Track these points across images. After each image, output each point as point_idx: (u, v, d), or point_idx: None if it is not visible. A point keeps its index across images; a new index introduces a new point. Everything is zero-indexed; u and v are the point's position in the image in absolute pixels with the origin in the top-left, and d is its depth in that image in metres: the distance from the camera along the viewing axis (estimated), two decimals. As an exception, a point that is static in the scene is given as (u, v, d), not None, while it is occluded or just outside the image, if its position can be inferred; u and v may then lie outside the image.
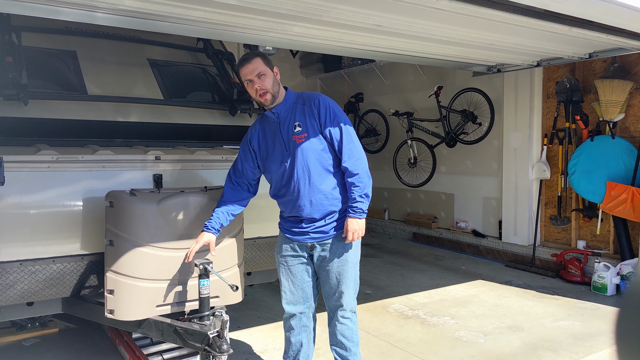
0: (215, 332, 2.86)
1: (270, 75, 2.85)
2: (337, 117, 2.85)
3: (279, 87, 2.90)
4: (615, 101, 5.68)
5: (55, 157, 3.27)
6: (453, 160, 7.93)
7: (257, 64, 2.82)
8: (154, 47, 4.82)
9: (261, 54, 2.88)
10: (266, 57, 2.88)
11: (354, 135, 2.88)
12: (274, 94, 2.86)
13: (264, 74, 2.82)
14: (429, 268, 6.60)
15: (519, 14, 3.37)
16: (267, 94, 2.83)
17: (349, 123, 2.88)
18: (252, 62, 2.82)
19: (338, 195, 2.89)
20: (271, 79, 2.85)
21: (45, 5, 3.05)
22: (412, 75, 8.53)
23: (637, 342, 0.89)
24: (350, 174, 2.82)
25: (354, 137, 2.87)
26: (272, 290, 5.45)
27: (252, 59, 2.83)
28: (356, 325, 3.05)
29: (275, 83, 2.87)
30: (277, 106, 2.89)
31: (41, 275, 3.22)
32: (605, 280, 5.36)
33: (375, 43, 4.29)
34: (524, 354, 3.92)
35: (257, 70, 2.81)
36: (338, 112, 2.87)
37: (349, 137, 2.84)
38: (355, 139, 2.88)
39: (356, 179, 2.81)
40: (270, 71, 2.86)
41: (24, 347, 4.01)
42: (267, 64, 2.86)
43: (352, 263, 2.96)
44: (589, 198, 5.98)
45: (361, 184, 2.82)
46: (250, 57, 2.84)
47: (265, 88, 2.82)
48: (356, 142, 2.87)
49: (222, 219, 2.97)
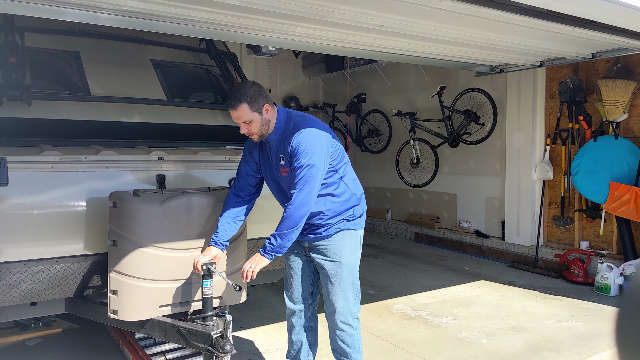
0: (219, 333, 2.86)
1: (257, 120, 2.76)
2: (299, 163, 2.68)
3: (268, 126, 2.81)
4: (619, 101, 5.67)
5: (59, 157, 3.28)
6: (456, 160, 7.91)
7: (242, 112, 2.73)
8: (157, 48, 4.83)
9: (248, 98, 2.72)
10: (253, 100, 2.73)
11: (308, 179, 2.68)
12: (262, 134, 2.83)
13: (251, 120, 2.76)
14: (431, 268, 6.60)
15: (522, 14, 3.36)
16: (253, 135, 2.83)
17: (312, 165, 2.67)
18: (237, 109, 2.73)
19: (327, 213, 2.87)
20: (258, 124, 2.77)
21: (48, 6, 3.05)
22: (414, 75, 8.53)
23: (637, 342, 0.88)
24: (283, 213, 2.74)
25: (305, 183, 2.68)
26: (275, 290, 5.45)
27: (237, 105, 2.72)
28: (357, 331, 2.99)
29: (264, 124, 2.79)
30: (268, 135, 2.86)
31: (45, 275, 3.22)
32: (608, 280, 5.35)
33: (377, 43, 4.29)
34: (526, 354, 3.91)
35: (242, 118, 2.76)
36: (303, 156, 2.67)
37: (299, 183, 2.69)
38: (306, 184, 2.67)
39: (283, 218, 2.71)
40: (258, 115, 2.75)
41: (27, 347, 4.01)
42: (254, 108, 2.73)
43: (347, 266, 2.92)
44: (592, 198, 5.96)
45: (282, 225, 2.71)
46: (236, 104, 2.72)
47: (251, 132, 2.81)
48: (304, 188, 2.67)
49: (230, 231, 2.97)
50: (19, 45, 3.89)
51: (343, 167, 2.90)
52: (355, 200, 2.95)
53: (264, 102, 2.78)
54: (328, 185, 2.83)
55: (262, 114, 2.78)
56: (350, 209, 2.92)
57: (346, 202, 2.90)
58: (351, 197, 2.92)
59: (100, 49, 4.51)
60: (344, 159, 2.93)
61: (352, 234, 2.94)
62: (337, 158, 2.85)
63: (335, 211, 2.87)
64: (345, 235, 2.92)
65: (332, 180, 2.84)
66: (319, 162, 2.68)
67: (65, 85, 4.10)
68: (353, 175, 2.99)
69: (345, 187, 2.90)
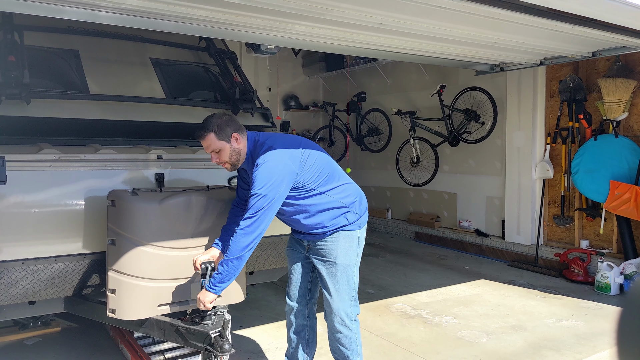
0: (217, 332, 2.85)
1: (226, 149, 2.79)
2: (252, 192, 2.67)
3: (239, 155, 2.83)
4: (619, 100, 5.66)
5: (57, 156, 3.27)
6: (456, 159, 7.91)
7: (209, 141, 2.77)
8: (156, 46, 4.83)
9: (215, 127, 2.76)
10: (221, 130, 2.76)
11: (258, 208, 2.64)
12: (234, 163, 2.84)
13: (220, 149, 2.79)
14: (431, 267, 6.59)
15: (522, 12, 3.35)
16: (225, 164, 2.85)
17: (263, 195, 2.63)
18: (204, 139, 2.78)
19: (319, 223, 2.87)
20: (227, 152, 2.79)
21: (47, 4, 3.04)
22: (414, 74, 8.51)
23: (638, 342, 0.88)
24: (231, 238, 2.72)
25: (254, 212, 2.64)
26: (275, 289, 5.44)
27: (205, 135, 2.76)
28: (355, 333, 2.97)
29: (234, 153, 2.81)
30: (242, 164, 2.89)
31: (43, 274, 3.22)
32: (608, 279, 5.34)
33: (377, 42, 4.28)
34: (527, 353, 3.91)
35: (211, 147, 2.80)
36: (256, 185, 2.65)
37: (249, 211, 2.65)
38: (256, 213, 2.64)
39: (229, 244, 2.69)
40: (226, 144, 2.78)
41: (26, 346, 4.01)
42: (222, 137, 2.76)
43: (342, 266, 2.91)
44: (593, 197, 5.96)
45: (227, 252, 2.69)
46: (203, 134, 2.77)
47: (222, 161, 2.83)
48: (253, 217, 2.64)
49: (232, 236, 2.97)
50: (18, 43, 3.89)
51: (323, 182, 2.86)
52: (344, 208, 2.92)
53: (232, 131, 2.80)
54: (310, 202, 2.84)
55: (230, 142, 2.80)
56: (340, 217, 2.90)
57: (332, 211, 2.89)
58: (338, 206, 2.90)
59: (99, 47, 4.50)
60: (325, 172, 2.88)
61: (347, 235, 2.93)
62: (312, 177, 2.82)
63: (322, 222, 2.88)
64: (341, 236, 2.92)
65: (313, 197, 2.85)
66: (271, 192, 2.65)
67: (64, 84, 4.09)
68: (340, 184, 2.94)
69: (329, 199, 2.88)
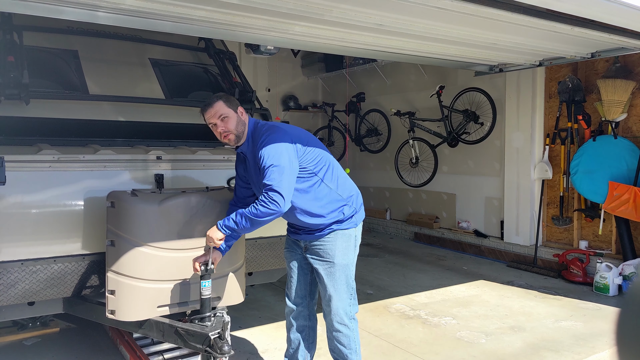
0: (217, 333, 2.85)
1: (234, 117, 2.86)
2: (264, 164, 2.70)
3: (244, 128, 2.89)
4: (618, 101, 5.67)
5: (57, 156, 3.27)
6: (455, 160, 7.91)
7: (218, 107, 2.85)
8: (155, 47, 4.82)
9: (223, 97, 2.90)
10: (229, 99, 2.90)
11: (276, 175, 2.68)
12: (238, 134, 2.87)
13: (227, 116, 2.84)
14: (430, 268, 6.59)
15: (521, 13, 3.36)
16: (230, 134, 2.86)
17: (277, 165, 2.68)
18: (213, 105, 2.86)
19: (317, 212, 2.87)
20: (234, 120, 2.86)
21: (47, 5, 3.04)
22: (414, 74, 8.52)
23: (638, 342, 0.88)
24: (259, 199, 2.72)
25: (274, 180, 2.67)
26: (274, 290, 5.44)
27: (214, 102, 2.86)
28: (354, 332, 2.98)
29: (240, 123, 2.87)
30: (242, 146, 2.91)
31: (42, 275, 3.21)
32: (607, 280, 5.34)
33: (377, 42, 4.28)
34: (525, 354, 3.91)
35: (219, 113, 2.84)
36: (266, 159, 2.70)
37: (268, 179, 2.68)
38: (276, 180, 2.66)
39: (256, 205, 2.70)
40: (234, 112, 2.87)
41: (25, 347, 4.01)
42: (230, 105, 2.87)
43: (340, 266, 2.92)
44: (591, 198, 5.96)
45: (250, 209, 2.70)
46: (212, 101, 2.87)
47: (228, 130, 2.85)
48: (275, 182, 2.66)
49: (231, 236, 2.97)
50: (17, 44, 3.88)
51: (324, 170, 2.89)
52: (341, 200, 2.93)
53: (238, 104, 2.93)
54: (308, 187, 2.85)
55: (237, 112, 2.88)
56: (337, 210, 2.91)
57: (330, 204, 2.89)
58: (336, 198, 2.91)
59: (98, 47, 4.50)
60: (326, 162, 2.93)
61: (344, 234, 2.94)
62: (313, 161, 2.86)
63: (319, 212, 2.87)
64: (338, 236, 2.92)
65: (311, 182, 2.86)
66: (283, 162, 2.70)
67: (63, 84, 4.09)
68: (339, 177, 2.97)
69: (327, 189, 2.89)
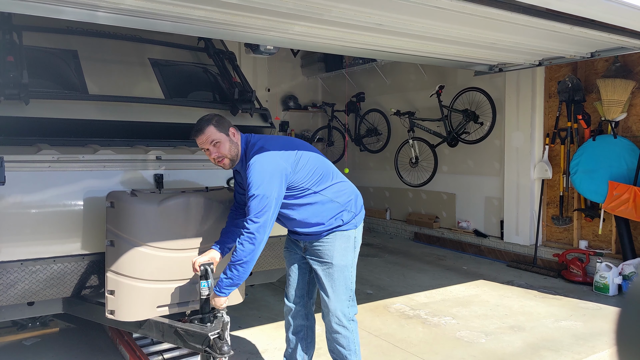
0: (216, 334, 2.84)
1: (226, 141, 2.82)
2: (249, 194, 2.69)
3: (237, 149, 2.86)
4: (618, 100, 5.67)
5: (56, 156, 3.27)
6: (455, 159, 7.91)
7: (210, 133, 2.80)
8: (155, 47, 4.82)
9: (213, 120, 2.83)
10: (219, 122, 2.84)
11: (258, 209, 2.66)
12: (232, 158, 2.85)
13: (219, 141, 2.81)
14: (430, 268, 6.59)
15: (521, 13, 3.35)
16: (224, 159, 2.84)
17: (260, 195, 2.66)
18: (204, 132, 2.81)
19: (316, 222, 2.88)
20: (227, 144, 2.82)
21: (46, 5, 3.04)
22: (413, 74, 8.52)
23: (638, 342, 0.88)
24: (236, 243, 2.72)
25: (255, 213, 2.66)
26: (273, 290, 5.44)
27: (205, 128, 2.81)
28: (353, 333, 2.98)
29: (233, 146, 2.84)
30: (236, 165, 2.90)
31: (42, 275, 3.21)
32: (607, 280, 5.34)
33: (376, 42, 4.28)
34: (525, 354, 3.91)
35: (210, 139, 2.81)
36: (252, 187, 2.67)
37: (250, 211, 2.68)
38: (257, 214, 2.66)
39: (235, 249, 2.70)
40: (225, 136, 2.82)
41: (24, 347, 4.01)
42: (221, 129, 2.82)
43: (339, 267, 2.92)
44: (591, 198, 5.96)
45: (234, 256, 2.69)
46: (203, 127, 2.81)
47: (221, 154, 2.83)
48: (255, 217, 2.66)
49: (231, 238, 2.99)
50: (17, 43, 3.88)
51: (318, 182, 2.88)
52: (339, 207, 2.92)
53: (229, 125, 2.88)
54: (305, 201, 2.86)
55: (229, 135, 2.84)
56: (335, 217, 2.91)
57: (328, 212, 2.89)
58: (333, 206, 2.90)
59: (98, 47, 4.49)
60: (321, 172, 2.90)
61: (343, 235, 2.93)
62: (306, 177, 2.84)
63: (317, 221, 2.88)
64: (337, 237, 2.92)
65: (307, 197, 2.86)
66: (267, 191, 2.67)
67: (63, 84, 4.09)
68: (336, 184, 2.96)
69: (324, 199, 2.89)
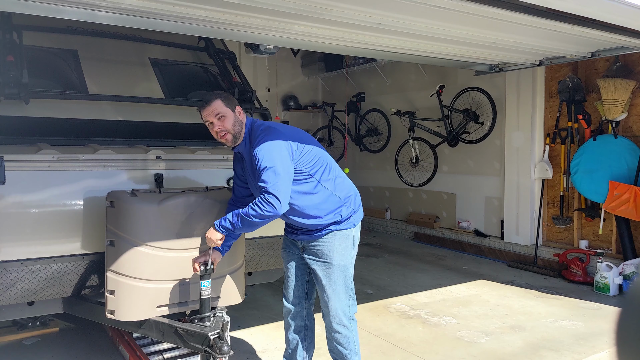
0: (216, 334, 2.85)
1: (231, 116, 2.82)
2: (260, 166, 2.69)
3: (242, 128, 2.86)
4: (618, 100, 5.66)
5: (56, 156, 3.27)
6: (455, 159, 7.91)
7: (216, 105, 2.81)
8: (155, 46, 4.82)
9: (222, 95, 2.86)
10: (227, 98, 2.86)
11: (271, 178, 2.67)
12: (235, 134, 2.84)
13: (224, 115, 2.81)
14: (430, 268, 6.59)
15: (521, 12, 3.35)
16: (227, 134, 2.83)
17: (272, 167, 2.66)
18: (211, 103, 2.81)
19: (314, 214, 2.86)
20: (232, 120, 2.82)
21: (46, 4, 3.04)
22: (414, 74, 8.52)
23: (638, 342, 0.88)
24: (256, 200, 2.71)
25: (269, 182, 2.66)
26: (273, 290, 5.44)
27: (212, 100, 2.82)
28: (353, 332, 2.98)
29: (237, 123, 2.84)
30: (238, 146, 2.89)
31: (42, 274, 3.21)
32: (607, 280, 5.34)
33: (376, 42, 4.28)
34: (525, 354, 3.91)
35: (216, 111, 2.80)
36: (262, 161, 2.68)
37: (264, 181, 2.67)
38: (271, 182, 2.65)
39: (253, 205, 2.68)
40: (231, 111, 2.83)
41: (24, 346, 4.00)
42: (228, 104, 2.83)
43: (338, 267, 2.91)
44: (592, 198, 5.96)
45: (246, 210, 2.69)
46: (210, 99, 2.83)
47: (225, 129, 2.82)
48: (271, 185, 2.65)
49: (230, 236, 2.98)
50: (17, 43, 3.88)
51: (320, 171, 2.88)
52: (339, 201, 2.92)
53: (237, 104, 2.89)
54: (306, 189, 2.84)
55: (235, 112, 2.85)
56: (334, 211, 2.90)
57: (328, 205, 2.88)
58: (333, 199, 2.90)
59: (98, 47, 4.49)
60: (323, 163, 2.91)
61: (342, 234, 2.93)
62: (310, 162, 2.84)
63: (316, 214, 2.86)
64: (336, 236, 2.91)
65: (308, 184, 2.85)
66: (278, 164, 2.68)
67: (63, 84, 4.09)
68: (336, 178, 2.95)
69: (325, 191, 2.88)
